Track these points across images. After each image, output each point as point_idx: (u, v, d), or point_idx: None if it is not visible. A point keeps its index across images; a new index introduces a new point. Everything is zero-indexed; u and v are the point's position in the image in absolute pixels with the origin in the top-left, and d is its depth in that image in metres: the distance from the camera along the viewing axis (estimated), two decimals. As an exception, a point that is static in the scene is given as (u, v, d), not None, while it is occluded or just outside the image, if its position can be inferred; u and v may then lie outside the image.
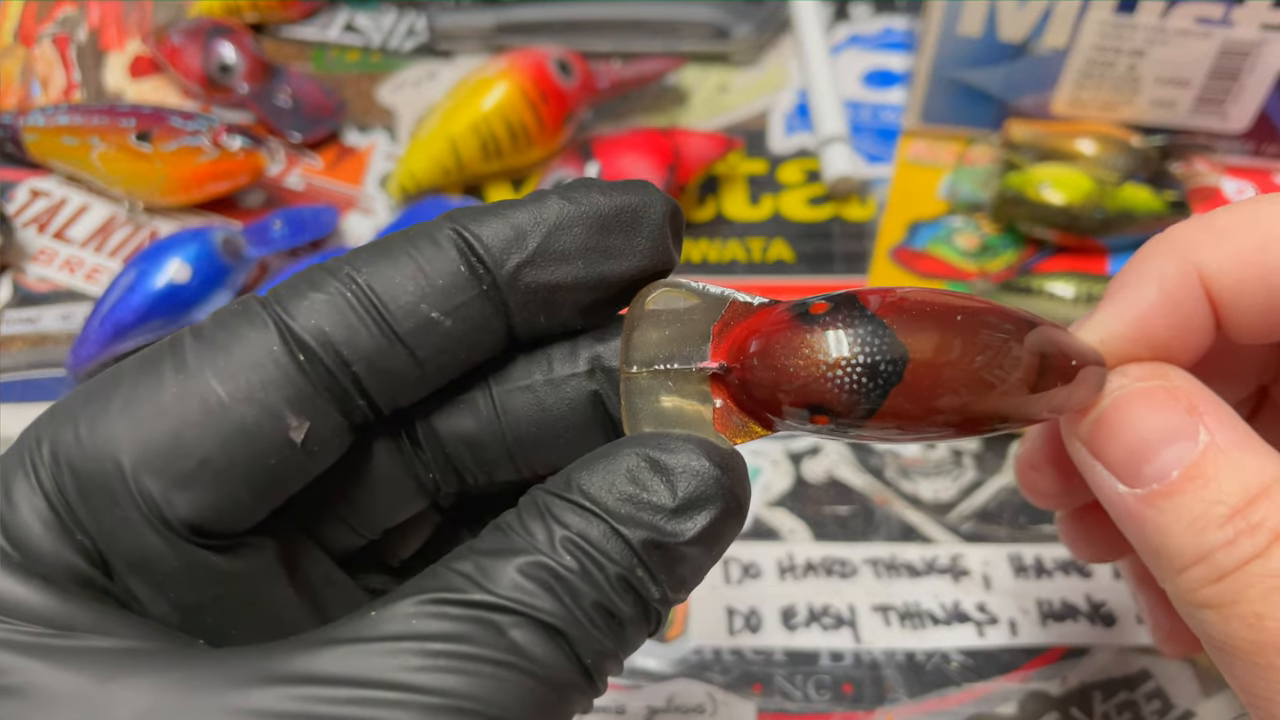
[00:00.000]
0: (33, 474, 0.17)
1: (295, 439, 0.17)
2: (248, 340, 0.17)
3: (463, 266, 0.18)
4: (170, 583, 0.17)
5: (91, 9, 0.61)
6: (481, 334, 0.18)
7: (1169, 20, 0.46)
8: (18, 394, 0.44)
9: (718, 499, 0.18)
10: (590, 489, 0.17)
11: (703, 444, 0.18)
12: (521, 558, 0.17)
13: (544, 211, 0.18)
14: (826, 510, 0.41)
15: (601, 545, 0.17)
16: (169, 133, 0.48)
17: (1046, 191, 0.47)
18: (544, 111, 0.49)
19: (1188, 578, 0.19)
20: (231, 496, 0.17)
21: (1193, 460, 0.19)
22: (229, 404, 0.17)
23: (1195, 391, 0.20)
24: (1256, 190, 0.51)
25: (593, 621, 0.17)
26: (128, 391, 0.17)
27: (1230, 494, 0.19)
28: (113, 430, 0.17)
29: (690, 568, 0.18)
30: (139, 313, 0.43)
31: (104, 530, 0.17)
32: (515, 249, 0.18)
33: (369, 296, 0.17)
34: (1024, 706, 0.35)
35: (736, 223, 0.51)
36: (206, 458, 0.17)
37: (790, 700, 0.36)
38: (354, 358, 0.17)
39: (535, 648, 0.16)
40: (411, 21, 0.61)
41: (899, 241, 0.49)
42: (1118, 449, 0.20)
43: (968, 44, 0.49)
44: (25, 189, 0.52)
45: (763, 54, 0.58)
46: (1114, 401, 0.21)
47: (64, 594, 0.17)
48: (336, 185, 0.53)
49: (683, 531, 0.17)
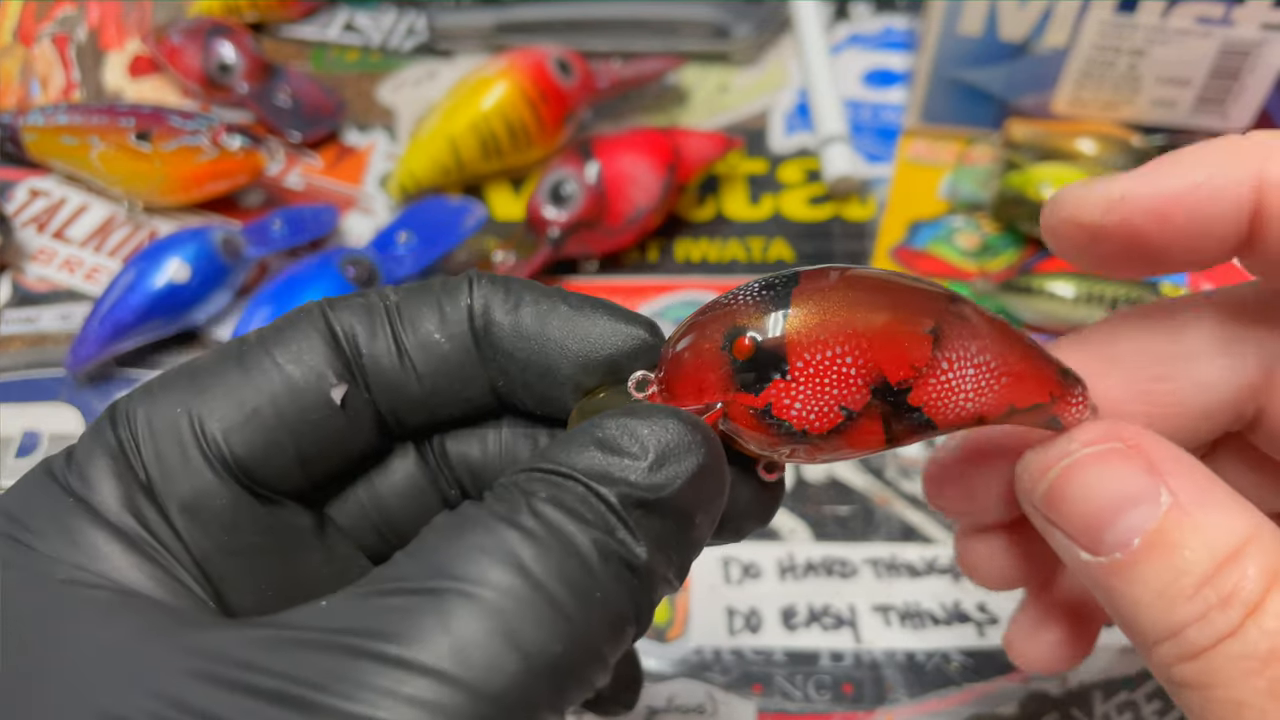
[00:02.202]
0: (109, 425, 0.19)
1: (335, 398, 0.20)
2: (297, 323, 0.20)
3: (466, 303, 0.20)
4: (217, 521, 0.19)
5: (91, 8, 0.61)
6: (471, 371, 0.20)
7: (1169, 20, 0.46)
8: (17, 394, 0.44)
9: (693, 451, 0.17)
10: (560, 456, 0.17)
11: (669, 408, 0.18)
12: (481, 533, 0.16)
13: (539, 295, 0.20)
14: (827, 510, 0.41)
15: (575, 507, 0.16)
16: (168, 132, 0.48)
17: (1047, 191, 0.47)
18: (544, 111, 0.49)
19: (1161, 653, 0.18)
20: (279, 445, 0.19)
21: (1155, 526, 0.18)
22: (281, 364, 0.19)
23: (1155, 448, 0.19)
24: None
25: (566, 601, 0.15)
26: (200, 365, 0.20)
27: (1197, 561, 0.18)
28: (184, 391, 0.19)
29: (675, 532, 0.17)
30: (138, 312, 0.43)
31: (165, 469, 0.19)
32: (495, 309, 0.20)
33: (396, 313, 0.20)
34: (1024, 706, 0.35)
35: (736, 222, 0.51)
36: (258, 407, 0.19)
37: (790, 700, 0.36)
38: (368, 355, 0.20)
39: (479, 647, 0.15)
40: (411, 21, 0.61)
41: (899, 241, 0.49)
42: (1075, 517, 0.19)
43: (968, 43, 0.49)
44: (24, 188, 0.52)
45: (763, 54, 0.58)
46: (1065, 469, 0.20)
47: (119, 539, 0.18)
48: (336, 185, 0.53)
49: (662, 485, 0.17)
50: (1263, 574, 0.17)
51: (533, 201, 0.47)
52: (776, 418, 0.18)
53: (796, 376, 0.18)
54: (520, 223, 0.49)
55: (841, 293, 0.19)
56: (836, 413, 0.19)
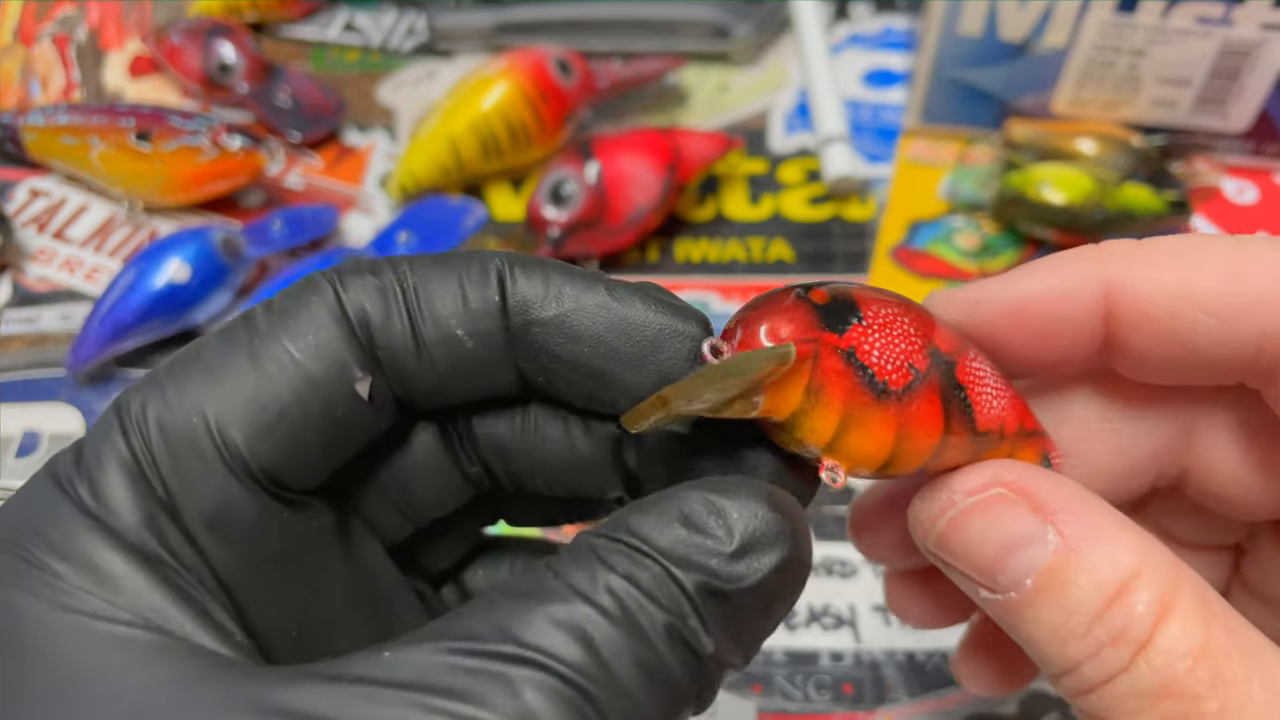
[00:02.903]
0: (120, 432, 0.18)
1: (361, 391, 0.18)
2: (310, 305, 0.19)
3: (497, 298, 0.19)
4: (241, 536, 0.18)
5: (91, 8, 0.61)
6: (495, 368, 0.19)
7: (1169, 20, 0.46)
8: (17, 394, 0.44)
9: (779, 543, 0.16)
10: (640, 529, 0.16)
11: (762, 488, 0.17)
12: (556, 603, 0.15)
13: (581, 289, 0.19)
14: (826, 510, 0.41)
15: (649, 588, 0.16)
16: (168, 132, 0.48)
17: (1047, 191, 0.47)
18: (544, 111, 0.49)
19: (1062, 686, 0.19)
20: (305, 447, 0.18)
21: (1044, 566, 0.18)
22: (300, 360, 0.18)
23: (1040, 487, 0.19)
24: (1257, 190, 0.51)
25: (630, 678, 0.15)
26: (209, 358, 0.18)
27: (1086, 600, 0.18)
28: (198, 391, 0.18)
29: (748, 622, 0.17)
30: (138, 312, 0.43)
31: (186, 482, 0.18)
32: (536, 307, 0.19)
33: (413, 295, 0.19)
34: (1024, 706, 0.35)
35: (737, 222, 0.51)
36: (284, 410, 0.18)
37: (790, 700, 0.36)
38: (382, 344, 0.19)
39: (550, 715, 0.15)
40: (411, 21, 0.61)
41: (899, 241, 0.49)
42: (968, 560, 0.19)
43: (968, 43, 0.49)
44: (25, 188, 0.52)
45: (763, 54, 0.58)
46: (951, 519, 0.20)
47: (134, 558, 0.17)
48: (336, 185, 0.53)
49: (742, 576, 0.16)
50: (1151, 608, 0.17)
51: (533, 201, 0.47)
52: (861, 362, 0.18)
53: (871, 322, 0.19)
54: (520, 223, 0.49)
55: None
56: (907, 369, 0.19)
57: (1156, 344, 0.20)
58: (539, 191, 0.46)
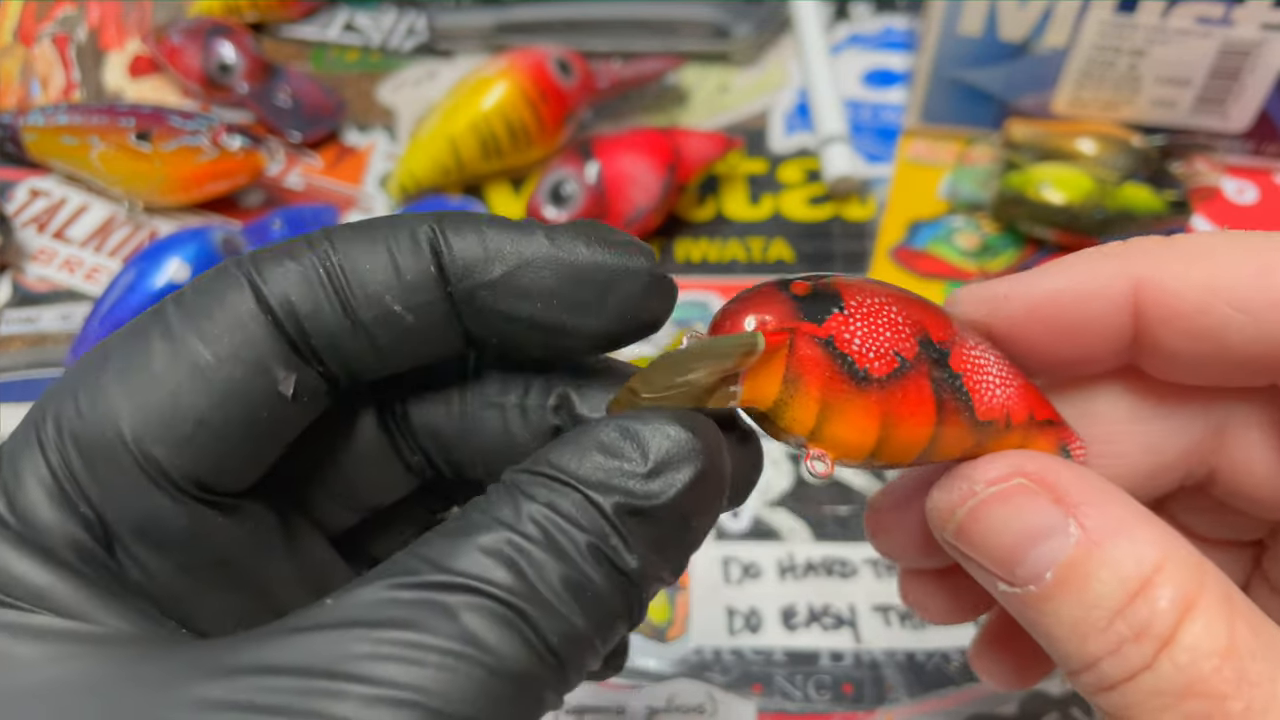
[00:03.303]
0: (38, 449, 0.17)
1: (285, 391, 0.18)
2: (227, 302, 0.18)
3: (433, 267, 0.18)
4: (175, 546, 0.18)
5: (91, 8, 0.61)
6: (440, 335, 0.19)
7: (1169, 20, 0.46)
8: (18, 394, 0.44)
9: (692, 459, 0.17)
10: (559, 461, 0.17)
11: (673, 412, 0.17)
12: (484, 534, 0.16)
13: (522, 244, 0.18)
14: (826, 510, 0.41)
15: (570, 513, 0.16)
16: (168, 132, 0.48)
17: (1047, 191, 0.47)
18: (544, 111, 0.49)
19: (1080, 683, 0.18)
20: (230, 453, 0.18)
21: (1065, 559, 0.18)
22: (217, 364, 0.17)
23: (1063, 478, 0.19)
24: (1257, 190, 0.51)
25: (559, 597, 0.16)
26: (120, 362, 0.18)
27: (1108, 595, 0.17)
28: (111, 401, 0.17)
29: (669, 537, 0.17)
30: (138, 312, 0.43)
31: (110, 497, 0.17)
32: (479, 270, 0.18)
33: (340, 276, 0.18)
34: (1024, 706, 0.35)
35: (736, 222, 0.51)
36: (203, 418, 0.17)
37: (790, 700, 0.36)
38: (315, 331, 0.18)
39: (489, 632, 0.15)
40: (411, 21, 0.61)
41: (899, 241, 0.49)
42: (986, 552, 0.19)
43: (968, 43, 0.49)
44: (25, 188, 0.52)
45: (763, 54, 0.58)
46: (971, 509, 0.19)
47: (60, 569, 0.17)
48: (336, 185, 0.53)
49: (657, 493, 0.17)
50: (1175, 604, 0.17)
51: (533, 201, 0.47)
52: (840, 350, 0.18)
53: (853, 312, 0.19)
54: (520, 223, 0.49)
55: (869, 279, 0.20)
56: (891, 357, 0.19)
57: (1186, 341, 0.20)
58: (539, 191, 0.46)
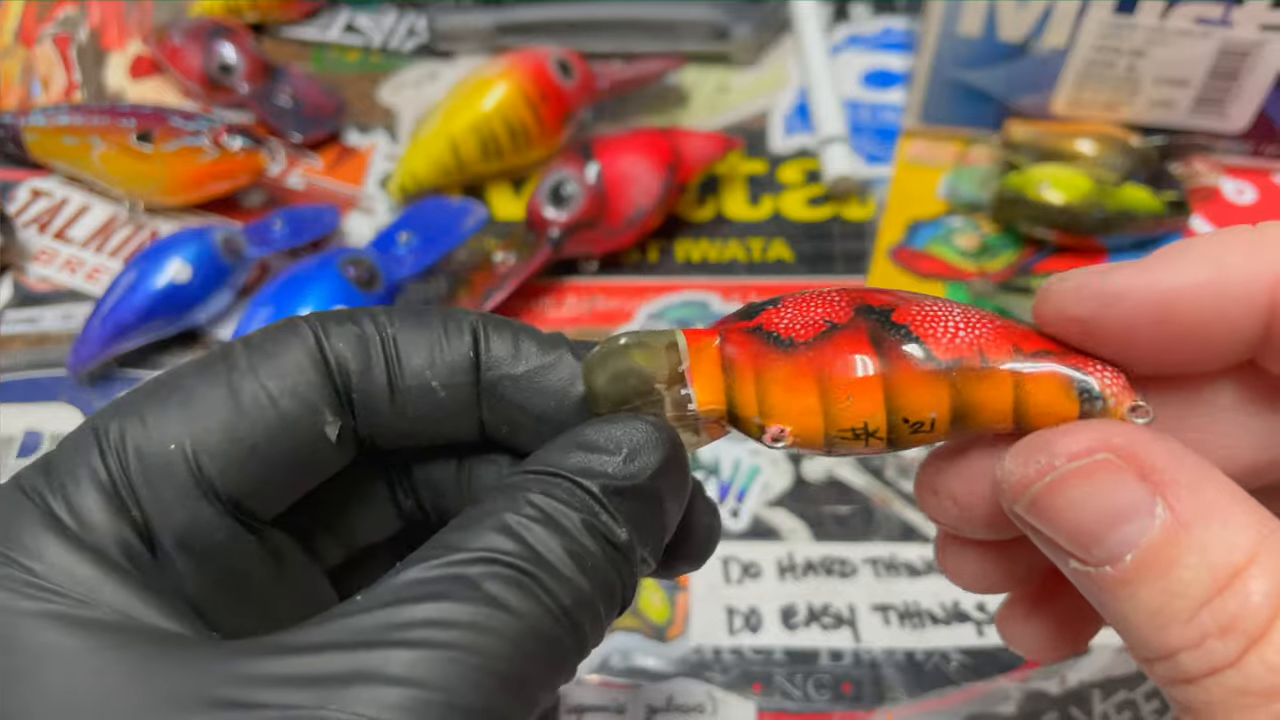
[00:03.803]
0: (99, 454, 0.19)
1: (330, 435, 0.20)
2: (291, 347, 0.20)
3: (471, 354, 0.21)
4: (214, 554, 0.19)
5: (92, 9, 0.61)
6: (463, 418, 0.21)
7: (1169, 20, 0.46)
8: (18, 394, 0.44)
9: (660, 446, 0.20)
10: (548, 459, 0.19)
11: (636, 415, 0.20)
12: (489, 519, 0.18)
13: (548, 350, 0.21)
14: (826, 510, 0.41)
15: (563, 497, 0.19)
16: (169, 133, 0.48)
17: (1046, 191, 0.47)
18: (544, 111, 0.49)
19: (1155, 671, 0.17)
20: (272, 479, 0.20)
21: (1149, 542, 0.17)
22: (276, 399, 0.20)
23: (1153, 453, 0.17)
24: (1256, 190, 0.51)
25: (564, 564, 0.18)
26: (188, 388, 0.20)
27: (1195, 583, 0.16)
28: (176, 419, 0.19)
29: (648, 513, 0.20)
30: (140, 313, 0.43)
31: (161, 506, 0.19)
32: (508, 364, 0.21)
33: (392, 346, 0.21)
34: (1023, 706, 0.35)
35: (736, 223, 0.51)
36: (256, 445, 0.19)
37: (790, 700, 0.36)
38: (359, 389, 0.20)
39: (510, 596, 0.17)
40: (412, 22, 0.61)
41: (899, 241, 0.49)
42: (1062, 529, 0.18)
43: (968, 44, 0.49)
44: (26, 189, 0.52)
45: (763, 54, 0.58)
46: (1048, 486, 0.18)
47: (109, 568, 0.18)
48: (337, 185, 0.53)
49: (635, 474, 0.19)
50: (1269, 597, 0.16)
51: (533, 202, 0.47)
52: (766, 330, 0.20)
53: (786, 305, 0.21)
54: (520, 223, 0.49)
55: None
56: (820, 323, 0.20)
57: None
58: (539, 192, 0.47)
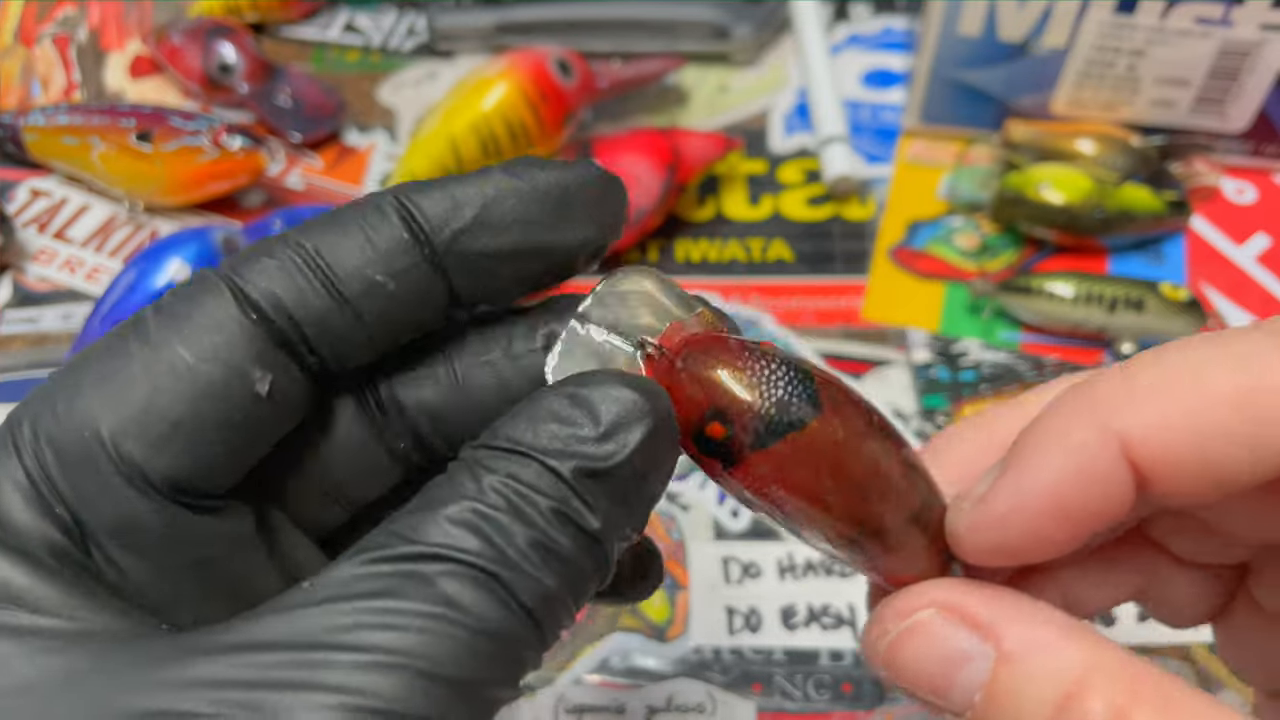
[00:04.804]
0: (14, 453, 0.18)
1: (260, 391, 0.18)
2: (205, 306, 0.18)
3: (405, 233, 0.19)
4: (152, 547, 0.18)
5: (92, 9, 0.61)
6: (425, 298, 0.19)
7: (1169, 20, 0.46)
8: (18, 394, 0.44)
9: (642, 418, 0.18)
10: (514, 433, 0.18)
11: (619, 374, 0.18)
12: (449, 506, 0.17)
13: (484, 185, 0.19)
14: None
15: (531, 481, 0.17)
16: (169, 133, 0.48)
17: (1046, 191, 0.47)
18: (544, 111, 0.49)
19: None
20: (208, 453, 0.18)
21: (985, 682, 0.18)
22: (195, 365, 0.18)
23: (973, 602, 0.19)
24: (1256, 190, 0.51)
25: (528, 559, 0.17)
26: (99, 368, 0.18)
27: (1036, 712, 0.17)
28: (88, 404, 0.18)
29: (628, 494, 0.18)
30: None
31: (86, 499, 0.17)
32: (453, 218, 0.19)
33: (317, 261, 0.19)
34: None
35: (736, 222, 0.51)
36: (179, 419, 0.18)
37: (790, 700, 0.36)
38: (304, 318, 0.19)
39: (465, 595, 0.16)
40: (411, 21, 0.61)
41: (899, 241, 0.49)
42: (916, 686, 0.19)
43: (968, 44, 0.49)
44: (25, 189, 0.52)
45: (763, 54, 0.58)
46: (888, 648, 0.19)
47: (38, 570, 0.17)
48: (337, 185, 0.53)
49: (612, 454, 0.17)
50: (1109, 708, 0.17)
51: (533, 202, 0.47)
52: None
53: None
54: (520, 223, 0.49)
55: None
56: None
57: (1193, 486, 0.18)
58: (539, 192, 0.46)
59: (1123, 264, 0.48)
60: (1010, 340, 0.46)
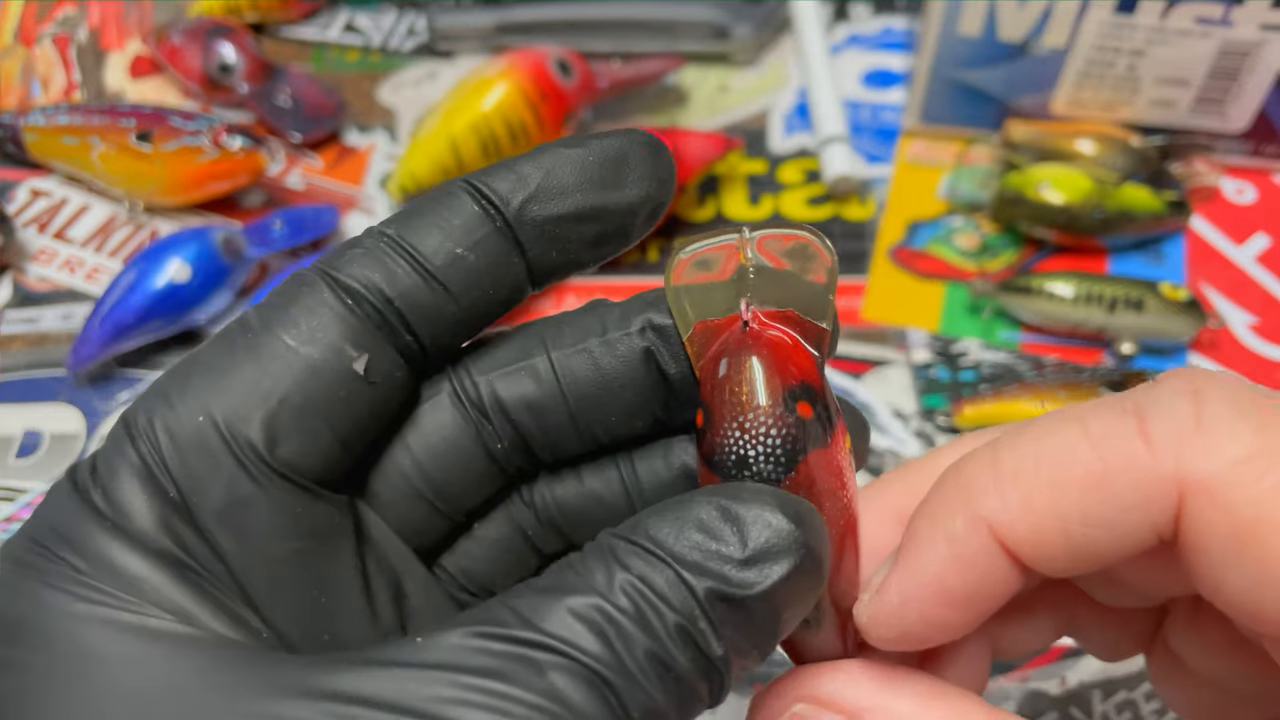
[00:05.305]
0: (129, 440, 0.18)
1: (358, 369, 0.19)
2: (302, 297, 0.19)
3: (476, 208, 0.20)
4: (256, 531, 0.18)
5: (92, 9, 0.61)
6: (503, 268, 0.20)
7: (1169, 20, 0.46)
8: (18, 394, 0.44)
9: (791, 552, 0.17)
10: (657, 534, 0.17)
11: (776, 495, 0.17)
12: (575, 597, 0.16)
13: (544, 157, 0.20)
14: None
15: (663, 591, 0.16)
16: (169, 133, 0.48)
17: (1046, 191, 0.47)
18: (544, 111, 0.49)
19: None
20: (313, 432, 0.19)
21: None
22: (296, 348, 0.19)
23: (841, 689, 0.19)
24: (1256, 190, 0.51)
25: (643, 672, 0.16)
26: (207, 360, 0.19)
27: None
28: (199, 391, 0.19)
29: (758, 627, 0.17)
30: (139, 313, 0.43)
31: (197, 481, 0.18)
32: (519, 188, 0.20)
33: (400, 244, 0.20)
34: (1023, 706, 0.35)
35: (736, 223, 0.51)
36: (285, 396, 0.19)
37: (790, 700, 0.36)
38: (395, 295, 0.20)
39: (574, 693, 0.16)
40: (411, 21, 0.61)
41: (899, 241, 0.49)
42: None
43: (968, 44, 0.49)
44: (25, 189, 0.52)
45: (763, 54, 0.58)
46: None
47: (154, 558, 0.18)
48: (337, 185, 0.53)
49: (752, 583, 0.17)
50: None
51: (533, 202, 0.47)
52: None
53: None
54: (520, 223, 0.49)
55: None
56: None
57: (1065, 564, 0.18)
58: (539, 192, 0.46)
59: (1123, 264, 0.48)
60: (1010, 340, 0.46)
